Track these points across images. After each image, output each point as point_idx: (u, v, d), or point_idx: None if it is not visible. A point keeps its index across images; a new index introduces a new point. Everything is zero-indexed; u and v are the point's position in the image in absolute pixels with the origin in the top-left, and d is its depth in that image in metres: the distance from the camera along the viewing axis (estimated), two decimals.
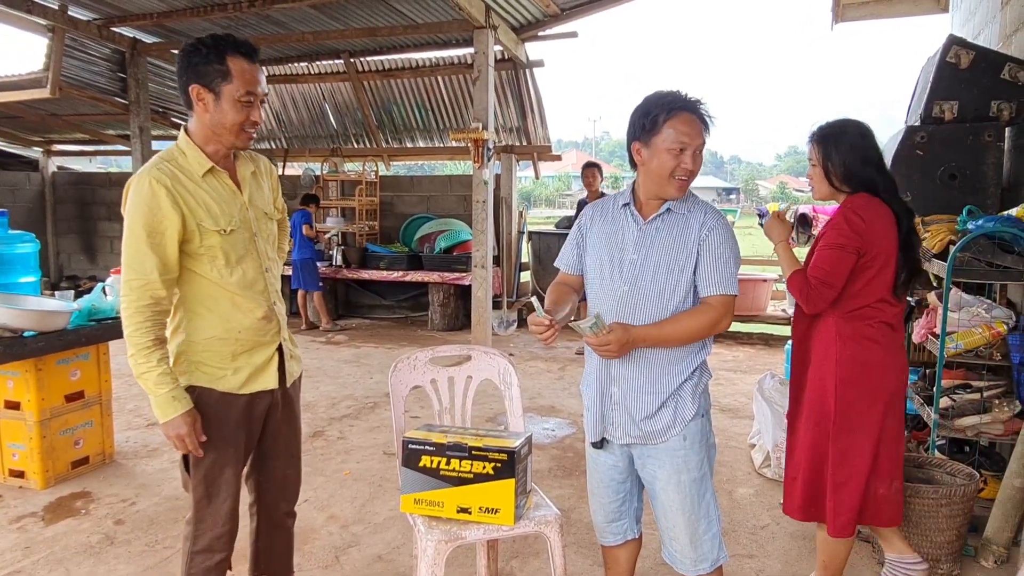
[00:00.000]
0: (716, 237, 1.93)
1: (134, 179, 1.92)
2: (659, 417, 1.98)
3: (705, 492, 2.02)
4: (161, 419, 1.92)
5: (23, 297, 3.57)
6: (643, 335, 1.91)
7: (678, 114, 1.89)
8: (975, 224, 3.02)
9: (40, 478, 3.60)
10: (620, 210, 2.05)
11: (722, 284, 1.92)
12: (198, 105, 1.92)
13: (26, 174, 10.83)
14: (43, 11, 6.92)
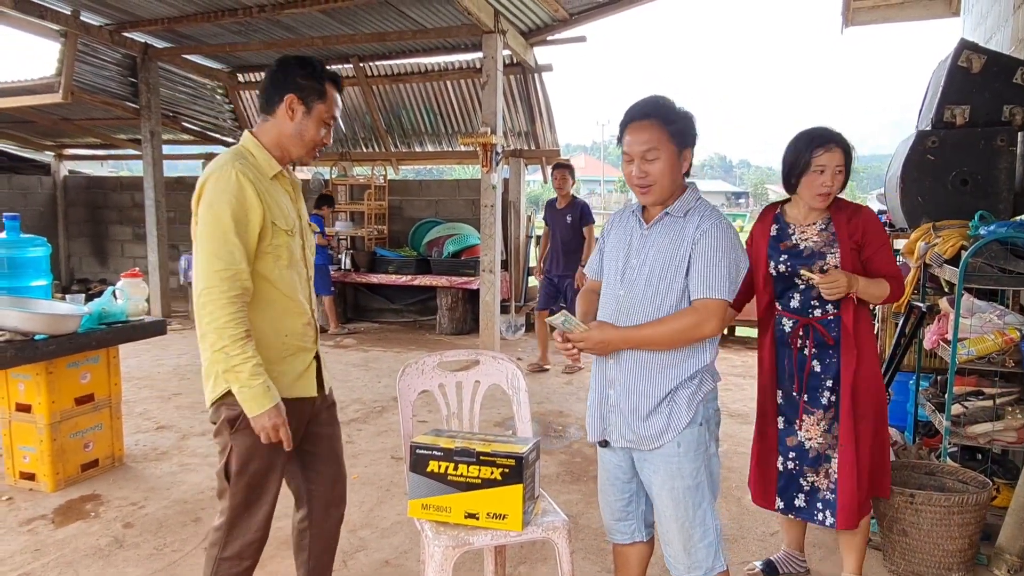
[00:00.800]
0: (708, 240, 1.91)
1: (215, 172, 1.92)
2: (652, 421, 1.98)
3: (701, 501, 2.00)
4: (256, 410, 1.89)
5: (34, 300, 3.59)
6: (622, 336, 1.94)
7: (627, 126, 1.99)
8: (987, 229, 2.99)
9: (50, 480, 3.62)
10: (631, 216, 2.10)
11: (708, 287, 1.89)
12: (287, 113, 1.99)
13: (38, 178, 10.91)
14: (55, 16, 6.98)
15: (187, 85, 9.44)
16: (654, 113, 1.93)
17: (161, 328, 4.04)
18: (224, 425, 2.01)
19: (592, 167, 57.87)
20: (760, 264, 2.55)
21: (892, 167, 4.02)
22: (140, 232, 9.79)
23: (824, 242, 2.46)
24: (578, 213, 6.11)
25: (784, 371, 2.57)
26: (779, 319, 2.56)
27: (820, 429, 2.51)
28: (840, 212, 2.48)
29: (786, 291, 2.54)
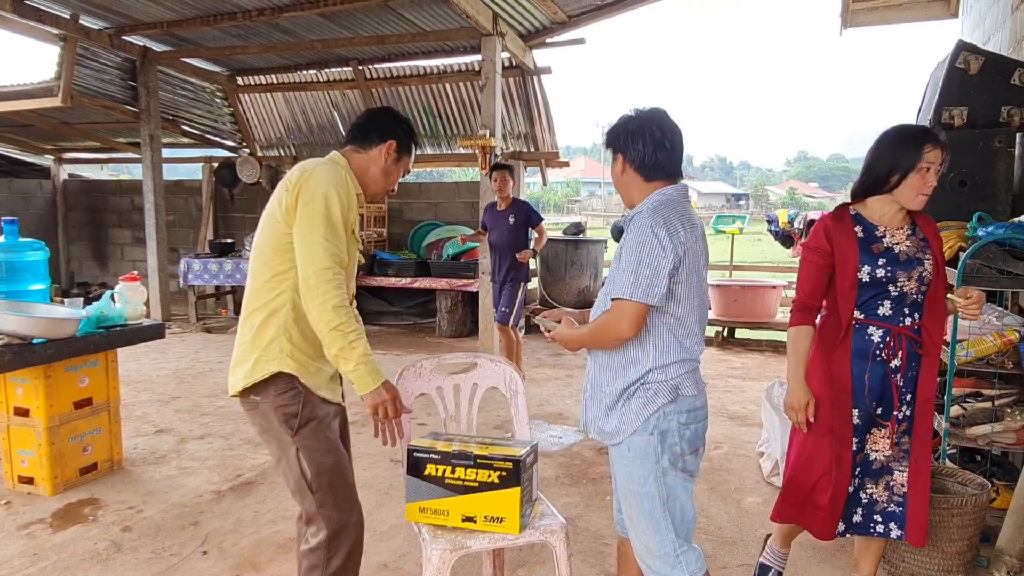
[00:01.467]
0: (624, 243, 1.93)
1: (325, 167, 2.02)
2: (609, 418, 2.01)
3: (652, 511, 1.95)
4: (372, 385, 1.97)
5: (32, 304, 3.59)
6: (576, 333, 2.02)
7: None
8: (986, 231, 2.99)
9: (49, 484, 3.62)
10: None
11: (616, 287, 1.90)
12: (382, 154, 2.16)
13: (38, 182, 10.91)
14: (55, 20, 6.99)
15: (186, 88, 9.45)
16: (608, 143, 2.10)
17: (160, 332, 4.04)
18: (280, 429, 2.00)
19: (592, 169, 57.90)
20: (848, 269, 2.29)
21: None
22: (140, 236, 9.79)
23: (917, 248, 2.29)
24: (523, 215, 5.76)
25: (863, 387, 2.32)
26: (863, 329, 2.31)
27: (889, 442, 2.36)
28: (918, 216, 2.35)
29: (875, 298, 2.30)
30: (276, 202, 2.03)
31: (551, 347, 7.72)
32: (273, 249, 2.02)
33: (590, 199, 50.54)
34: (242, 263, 8.38)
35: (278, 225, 2.00)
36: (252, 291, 2.07)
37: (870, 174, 2.30)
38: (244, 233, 9.42)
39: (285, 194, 2.00)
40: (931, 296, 2.31)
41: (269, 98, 9.78)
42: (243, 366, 2.04)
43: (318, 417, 2.06)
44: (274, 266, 2.02)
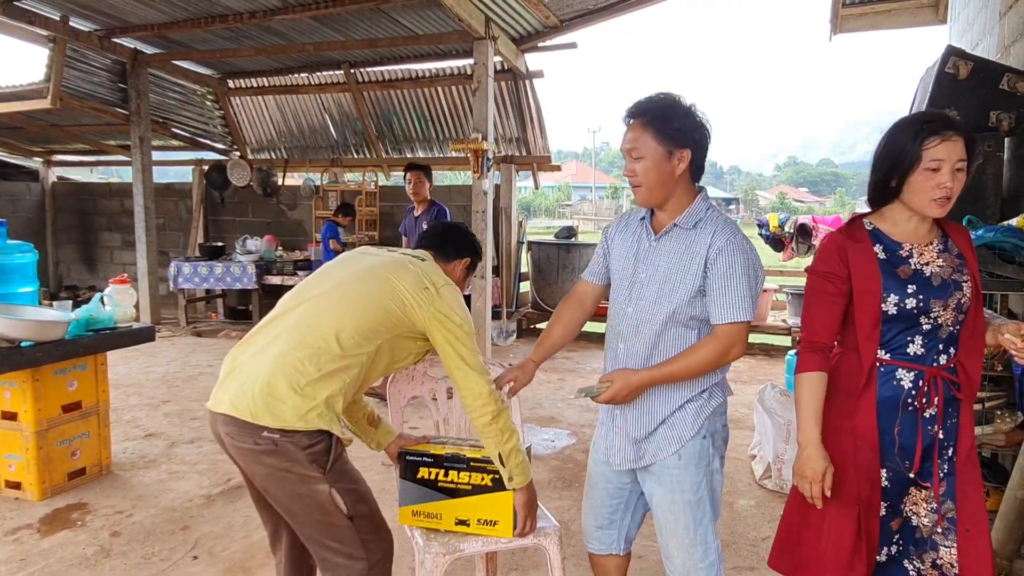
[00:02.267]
0: (725, 258, 1.82)
1: (456, 290, 2.13)
2: (653, 438, 1.94)
3: (702, 518, 1.94)
4: (527, 480, 2.05)
5: (20, 307, 3.56)
6: (648, 377, 1.87)
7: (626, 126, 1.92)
8: (975, 234, 3.01)
9: (36, 489, 3.58)
10: (638, 224, 2.02)
11: (731, 311, 1.82)
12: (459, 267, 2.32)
13: (26, 184, 10.83)
14: (44, 22, 6.94)
15: (177, 91, 9.41)
16: (641, 112, 1.88)
17: (150, 335, 4.01)
18: (309, 468, 1.88)
19: (583, 173, 58.07)
20: (870, 301, 1.83)
21: None
22: (129, 239, 9.73)
23: (951, 268, 1.84)
24: (435, 219, 5.32)
25: (893, 443, 1.86)
26: (890, 373, 1.85)
27: (929, 507, 1.91)
28: (948, 226, 1.92)
29: (904, 333, 1.84)
30: (406, 285, 2.01)
31: None
32: (382, 321, 1.98)
33: (581, 203, 50.63)
34: (232, 266, 8.33)
35: (400, 305, 2.00)
36: (335, 336, 1.92)
37: (873, 175, 1.89)
38: (234, 236, 9.38)
39: (424, 293, 2.02)
40: (969, 326, 1.86)
41: (260, 101, 9.75)
42: (284, 404, 1.85)
43: (343, 451, 2.01)
44: (372, 332, 1.96)
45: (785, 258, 8.45)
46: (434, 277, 2.07)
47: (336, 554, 1.95)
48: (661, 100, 1.89)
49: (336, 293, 2.00)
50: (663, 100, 1.89)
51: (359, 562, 1.95)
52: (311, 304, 1.99)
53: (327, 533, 1.94)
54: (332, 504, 1.91)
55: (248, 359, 1.94)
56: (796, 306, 7.71)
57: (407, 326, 2.01)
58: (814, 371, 1.86)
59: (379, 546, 2.01)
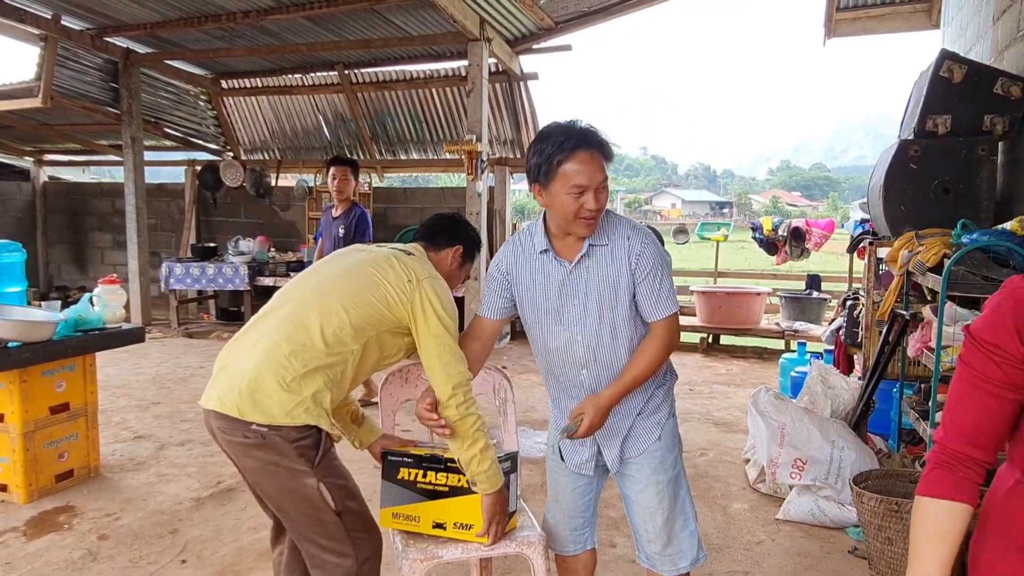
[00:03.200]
0: (646, 261, 1.87)
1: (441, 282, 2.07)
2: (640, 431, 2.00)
3: (679, 489, 2.03)
4: (497, 486, 1.98)
5: (8, 307, 3.52)
6: (615, 394, 1.89)
7: (573, 153, 1.77)
8: (969, 238, 3.00)
9: (23, 492, 3.53)
10: (539, 257, 1.95)
11: (664, 307, 1.90)
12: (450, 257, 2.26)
13: (17, 184, 10.75)
14: (36, 20, 6.90)
15: (169, 91, 9.36)
16: (599, 143, 1.83)
17: (139, 336, 3.97)
18: (298, 462, 1.89)
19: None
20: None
21: (875, 176, 4.05)
22: (121, 239, 9.66)
23: None
24: (352, 225, 4.67)
25: None
26: None
27: None
28: None
29: None
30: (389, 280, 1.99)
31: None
32: (367, 317, 1.96)
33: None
34: (224, 267, 8.28)
35: (383, 301, 1.98)
36: (319, 331, 1.93)
37: None
38: (227, 237, 9.32)
39: (407, 286, 1.99)
40: None
41: (253, 101, 9.70)
42: (270, 400, 1.86)
43: (331, 447, 2.01)
44: (357, 328, 1.96)
45: (779, 261, 8.48)
46: (418, 270, 2.04)
47: (324, 551, 1.96)
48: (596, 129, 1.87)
49: (322, 290, 2.01)
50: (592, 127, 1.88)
51: (347, 559, 1.96)
52: (298, 301, 2.00)
53: (316, 529, 1.95)
54: (320, 499, 1.93)
55: (238, 355, 1.96)
56: (789, 309, 7.72)
57: (392, 321, 2.00)
58: (946, 499, 1.15)
59: (368, 543, 2.01)
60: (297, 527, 1.98)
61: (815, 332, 7.04)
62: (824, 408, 3.86)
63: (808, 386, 4.06)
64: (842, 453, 3.34)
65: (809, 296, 7.77)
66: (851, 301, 4.87)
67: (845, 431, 3.50)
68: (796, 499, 3.42)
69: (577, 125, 1.84)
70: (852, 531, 3.22)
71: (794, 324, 7.50)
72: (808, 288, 7.97)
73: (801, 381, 4.41)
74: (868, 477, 3.05)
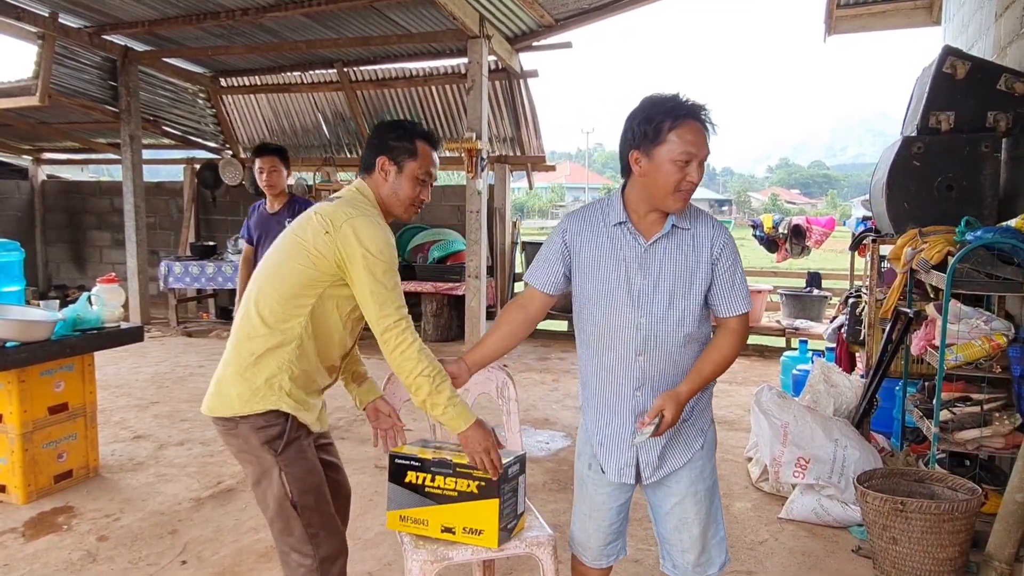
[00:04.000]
0: (728, 253, 1.87)
1: (365, 218, 1.95)
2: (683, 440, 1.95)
3: (714, 497, 2.01)
4: (465, 424, 1.92)
5: (6, 306, 3.50)
6: (691, 390, 1.84)
7: (685, 122, 1.74)
8: (973, 235, 2.99)
9: (22, 492, 3.51)
10: (613, 229, 1.87)
11: (740, 303, 1.89)
12: (380, 174, 2.07)
13: (15, 183, 10.72)
14: (33, 18, 6.86)
15: (168, 89, 9.32)
16: (705, 118, 1.80)
17: (138, 335, 3.95)
18: (262, 449, 1.92)
19: (577, 174, 58.11)
20: None
21: (877, 173, 4.03)
22: (119, 238, 9.63)
23: None
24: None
25: None
26: None
27: None
28: None
29: None
30: (305, 234, 1.95)
31: (537, 350, 7.68)
32: (298, 282, 1.94)
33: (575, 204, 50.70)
34: (224, 266, 8.26)
35: (308, 261, 1.93)
36: (257, 314, 1.95)
37: None
38: (226, 236, 9.30)
39: (325, 237, 1.92)
40: None
41: (252, 99, 9.67)
42: (230, 390, 1.93)
43: (300, 437, 2.00)
44: (293, 298, 1.93)
45: (779, 259, 8.45)
46: (335, 216, 1.93)
47: (289, 548, 1.98)
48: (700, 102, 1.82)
49: (258, 277, 2.04)
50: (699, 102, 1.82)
51: (307, 558, 1.97)
52: (246, 295, 2.04)
53: (281, 524, 1.98)
54: (282, 490, 1.94)
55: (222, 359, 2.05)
56: (789, 307, 7.70)
57: (328, 278, 1.94)
58: None
59: (327, 544, 1.99)
60: (268, 520, 2.02)
61: (816, 330, 7.03)
62: (827, 406, 3.84)
63: (811, 384, 4.04)
64: (845, 452, 3.33)
65: (810, 294, 7.75)
66: (853, 299, 4.86)
67: (848, 429, 3.49)
68: (799, 498, 3.40)
69: (676, 95, 1.81)
70: (856, 530, 3.21)
71: (795, 322, 7.49)
72: (809, 286, 7.96)
73: (803, 379, 4.40)
74: (872, 476, 3.03)
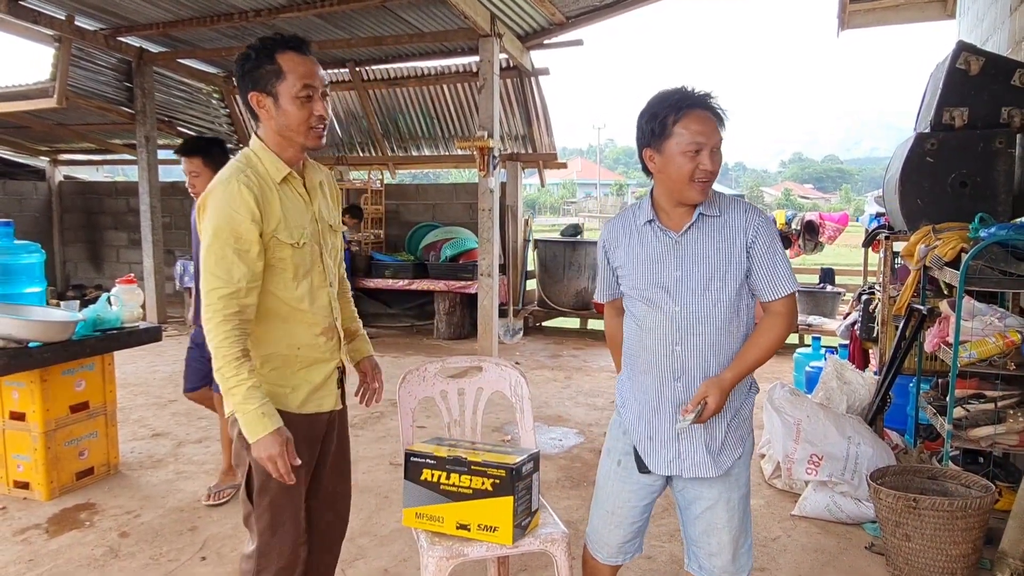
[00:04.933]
0: (764, 237, 1.84)
1: (219, 185, 1.82)
2: (727, 443, 1.92)
3: (747, 506, 1.99)
4: (251, 438, 1.78)
5: (28, 307, 3.56)
6: (735, 377, 1.83)
7: (688, 112, 1.76)
8: (987, 232, 2.98)
9: (44, 489, 3.58)
10: (644, 228, 1.90)
11: (784, 285, 1.85)
12: (260, 112, 1.88)
13: (33, 184, 10.86)
14: (50, 21, 6.95)
15: (182, 89, 9.41)
16: (713, 106, 1.80)
17: (156, 335, 4.00)
18: (240, 441, 1.92)
19: (589, 170, 57.96)
20: None
21: (891, 169, 4.02)
22: (136, 237, 9.74)
23: None
24: None
25: None
26: None
27: None
28: None
29: None
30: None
31: (549, 348, 7.70)
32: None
33: (586, 200, 50.56)
34: None
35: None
36: None
37: None
38: None
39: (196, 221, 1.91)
40: None
41: None
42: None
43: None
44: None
45: (792, 255, 8.43)
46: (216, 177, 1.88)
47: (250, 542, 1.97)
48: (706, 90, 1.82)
49: None
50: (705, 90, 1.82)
51: (251, 543, 1.95)
52: None
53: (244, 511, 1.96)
54: (246, 480, 1.92)
55: None
56: (802, 303, 7.67)
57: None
58: None
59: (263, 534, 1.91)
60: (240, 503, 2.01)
61: (829, 326, 7.00)
62: (840, 403, 3.84)
63: (823, 381, 4.04)
64: (858, 449, 3.33)
65: (823, 290, 7.72)
66: (866, 296, 4.84)
67: (861, 427, 3.49)
68: (812, 495, 3.41)
69: (682, 87, 1.82)
70: (869, 527, 3.21)
71: (808, 318, 7.46)
72: (822, 282, 7.92)
73: (816, 376, 4.40)
74: (885, 473, 3.04)
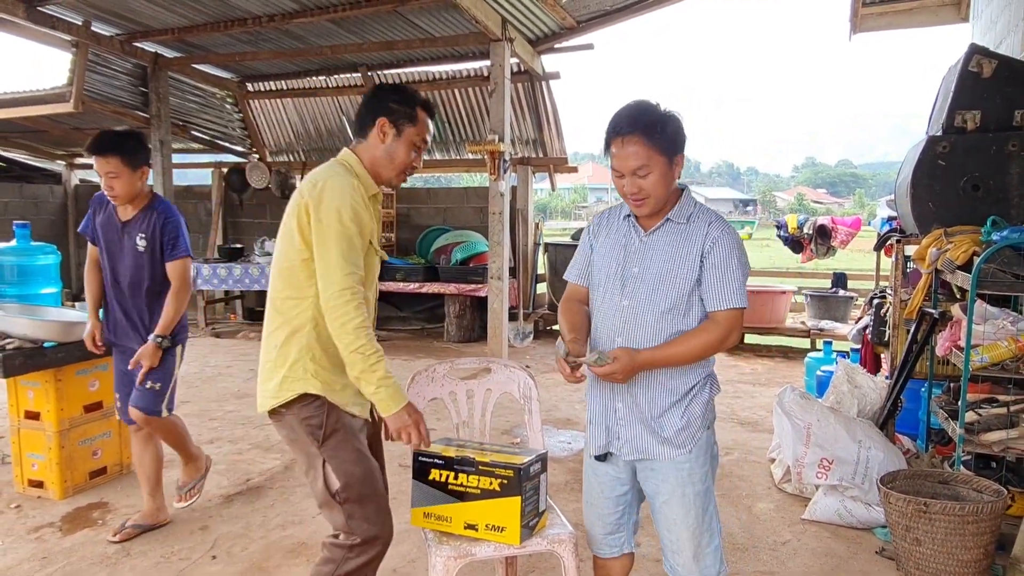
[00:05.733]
0: (721, 248, 1.89)
1: (335, 178, 1.96)
2: (666, 431, 1.95)
3: (708, 505, 2.00)
4: (394, 408, 1.96)
5: (43, 308, 3.61)
6: (648, 358, 1.88)
7: (612, 140, 1.89)
8: (1000, 235, 2.97)
9: (58, 488, 3.62)
10: (623, 222, 2.03)
11: (728, 298, 1.88)
12: (379, 136, 2.06)
13: (49, 187, 10.99)
14: (67, 27, 7.04)
15: (197, 94, 9.50)
16: (638, 127, 1.85)
17: None
18: (307, 440, 1.98)
19: (599, 175, 57.88)
20: None
21: (902, 173, 4.00)
22: None
23: None
24: (157, 234, 3.16)
25: None
26: None
27: None
28: None
29: None
30: (292, 216, 1.99)
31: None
32: (292, 266, 1.99)
33: (597, 205, 50.57)
34: (251, 268, 8.40)
35: (295, 241, 1.97)
36: (273, 308, 2.05)
37: None
38: (253, 238, 9.45)
39: (299, 209, 1.96)
40: None
41: (279, 104, 9.82)
42: (269, 384, 2.04)
43: (344, 427, 2.04)
44: (294, 283, 2.00)
45: (804, 259, 8.39)
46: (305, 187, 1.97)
47: (332, 531, 2.04)
48: (647, 109, 1.88)
49: (271, 268, 2.11)
50: (649, 109, 1.89)
51: (342, 546, 2.01)
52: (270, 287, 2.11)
53: (326, 511, 2.03)
54: (322, 479, 1.99)
55: None
56: (815, 308, 7.64)
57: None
58: None
59: (369, 530, 2.01)
60: (318, 506, 2.07)
61: (841, 331, 6.96)
62: (851, 408, 3.82)
63: (834, 385, 4.02)
64: (869, 453, 3.31)
65: (835, 294, 7.68)
66: (878, 300, 4.82)
67: (872, 431, 3.47)
68: (822, 499, 3.39)
69: (621, 109, 1.91)
70: (879, 532, 3.19)
71: (820, 323, 7.42)
72: (834, 286, 7.88)
73: (827, 380, 4.37)
74: (896, 477, 3.02)
